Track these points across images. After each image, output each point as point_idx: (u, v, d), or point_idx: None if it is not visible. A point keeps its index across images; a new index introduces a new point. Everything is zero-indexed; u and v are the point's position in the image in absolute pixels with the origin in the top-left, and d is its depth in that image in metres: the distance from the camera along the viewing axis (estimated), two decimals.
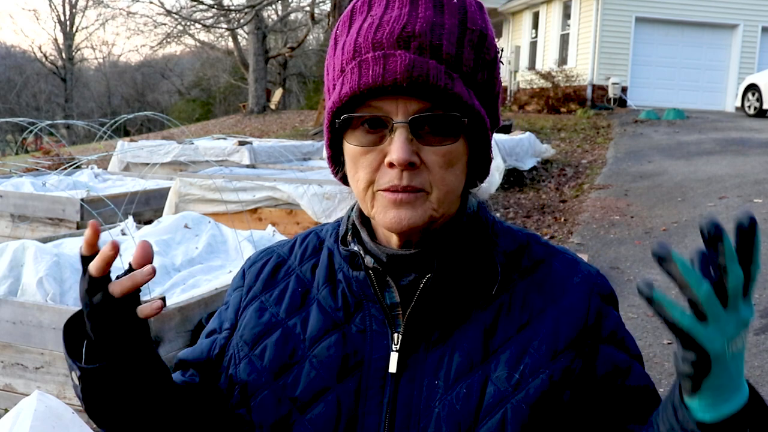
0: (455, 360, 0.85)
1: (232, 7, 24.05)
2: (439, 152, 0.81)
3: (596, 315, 0.89)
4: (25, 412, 1.98)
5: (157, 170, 8.32)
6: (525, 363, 0.84)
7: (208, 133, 16.72)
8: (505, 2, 21.49)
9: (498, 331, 0.86)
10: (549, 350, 0.85)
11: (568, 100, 16.95)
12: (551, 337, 0.86)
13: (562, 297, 0.89)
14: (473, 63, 0.81)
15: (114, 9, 33.28)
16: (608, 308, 0.91)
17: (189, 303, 3.50)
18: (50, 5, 43.72)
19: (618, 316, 0.93)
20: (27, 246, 3.88)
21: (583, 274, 0.92)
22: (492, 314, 0.87)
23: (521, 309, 0.88)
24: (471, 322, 0.87)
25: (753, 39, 17.69)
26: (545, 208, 7.96)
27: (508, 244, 0.92)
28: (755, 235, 0.63)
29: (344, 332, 0.88)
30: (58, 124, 18.78)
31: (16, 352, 3.32)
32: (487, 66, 0.83)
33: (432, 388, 0.84)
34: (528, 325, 0.87)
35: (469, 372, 0.84)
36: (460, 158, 0.83)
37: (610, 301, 0.92)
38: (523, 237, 0.94)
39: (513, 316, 0.87)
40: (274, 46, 27.71)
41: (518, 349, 0.85)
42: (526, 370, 0.84)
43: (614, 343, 0.89)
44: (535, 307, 0.88)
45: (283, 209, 5.98)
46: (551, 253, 0.94)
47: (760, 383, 3.53)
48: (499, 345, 0.85)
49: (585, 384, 0.86)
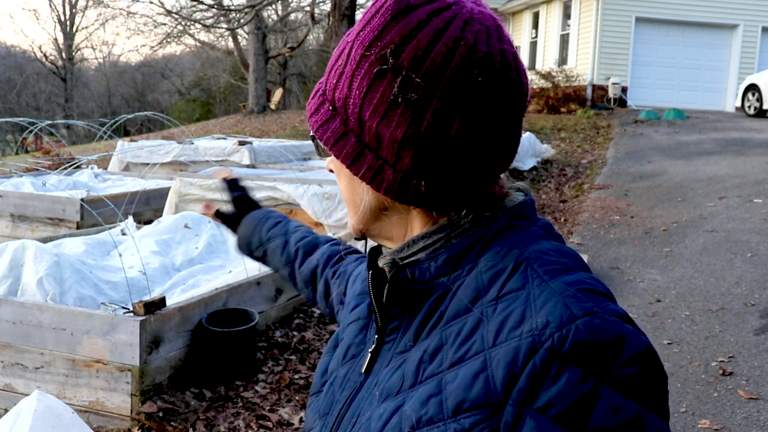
0: (394, 377, 0.80)
1: (232, 7, 24.04)
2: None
3: (535, 377, 0.67)
4: (25, 412, 1.98)
5: (157, 170, 8.32)
6: (429, 408, 0.73)
7: (208, 133, 16.71)
8: (505, 2, 21.49)
9: (435, 360, 0.77)
10: (454, 403, 0.72)
11: (568, 100, 16.95)
12: (464, 389, 0.72)
13: (500, 344, 0.72)
14: (348, 81, 0.78)
15: (114, 9, 33.25)
16: (565, 371, 0.66)
17: (189, 303, 3.49)
18: (50, 5, 43.74)
19: (579, 387, 0.66)
20: (27, 246, 3.88)
21: (539, 322, 0.70)
22: (440, 339, 0.78)
23: (464, 342, 0.75)
24: (423, 343, 0.80)
25: (753, 39, 17.69)
26: (545, 208, 7.96)
27: (489, 265, 0.78)
28: None
29: (368, 324, 0.93)
30: (58, 124, 18.78)
31: (16, 352, 3.32)
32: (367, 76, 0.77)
33: (372, 398, 0.83)
34: (458, 365, 0.74)
35: (396, 394, 0.78)
36: (340, 170, 0.84)
37: (572, 362, 0.67)
38: (515, 258, 0.77)
39: (455, 348, 0.76)
40: (274, 46, 27.70)
41: (435, 389, 0.74)
42: (424, 418, 0.73)
43: (550, 416, 0.66)
44: (471, 347, 0.74)
45: (283, 209, 5.97)
46: (536, 286, 0.74)
47: (760, 383, 3.53)
48: (428, 377, 0.76)
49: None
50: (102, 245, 4.63)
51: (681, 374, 3.71)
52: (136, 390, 3.15)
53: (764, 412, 3.27)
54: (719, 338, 4.10)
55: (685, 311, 4.56)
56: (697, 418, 3.27)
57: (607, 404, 0.66)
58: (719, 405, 3.37)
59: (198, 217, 5.09)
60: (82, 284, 3.79)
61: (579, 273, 0.77)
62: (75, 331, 3.19)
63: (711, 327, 4.27)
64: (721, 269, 5.24)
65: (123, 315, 3.23)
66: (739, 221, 6.43)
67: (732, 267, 5.25)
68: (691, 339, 4.13)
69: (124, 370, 3.15)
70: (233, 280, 4.09)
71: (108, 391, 3.18)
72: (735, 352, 3.90)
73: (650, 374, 0.70)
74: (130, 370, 3.14)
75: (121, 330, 3.14)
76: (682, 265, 5.43)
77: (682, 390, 3.54)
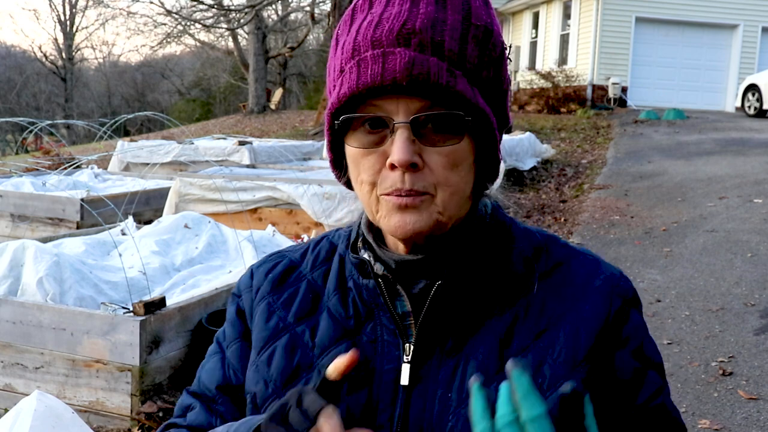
0: (469, 371, 0.81)
1: (232, 7, 24.04)
2: (443, 152, 0.77)
3: (615, 319, 0.84)
4: (25, 412, 1.98)
5: (157, 170, 8.32)
6: (544, 374, 0.80)
7: (208, 133, 16.71)
8: (505, 2, 21.49)
9: (514, 340, 0.82)
10: (568, 359, 0.81)
11: (568, 100, 16.95)
12: (571, 346, 0.82)
13: (581, 301, 0.84)
14: (478, 60, 0.78)
15: (114, 9, 33.29)
16: (630, 312, 0.86)
17: (189, 303, 3.49)
18: (50, 5, 43.76)
19: (640, 319, 0.88)
20: (27, 246, 3.88)
21: (605, 275, 0.87)
22: (507, 322, 0.83)
23: (539, 315, 0.84)
24: (486, 331, 0.83)
25: (753, 39, 17.69)
26: (545, 208, 7.96)
27: (525, 247, 0.88)
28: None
29: (354, 342, 0.85)
30: (58, 124, 18.78)
31: (16, 352, 3.32)
32: (493, 63, 0.80)
33: (445, 401, 0.80)
34: (546, 332, 0.83)
35: (484, 384, 0.79)
36: (465, 158, 0.79)
37: (632, 304, 0.87)
38: (542, 239, 0.90)
39: (529, 323, 0.83)
40: (274, 46, 27.70)
41: (536, 358, 0.81)
42: (545, 383, 0.80)
43: (631, 350, 0.85)
44: (553, 312, 0.84)
45: (283, 209, 5.97)
46: (571, 254, 0.90)
47: (760, 383, 3.53)
48: (516, 354, 0.81)
49: (599, 395, 0.81)
50: (102, 245, 4.63)
51: (681, 374, 3.71)
52: (136, 390, 3.15)
53: (764, 412, 3.27)
54: (719, 338, 4.10)
55: (685, 311, 4.56)
56: (697, 418, 3.27)
57: (643, 328, 0.88)
58: (719, 405, 3.37)
59: (198, 217, 5.09)
60: (82, 284, 3.79)
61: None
62: (75, 331, 3.19)
63: (711, 327, 4.27)
64: (721, 269, 5.24)
65: (123, 315, 3.23)
66: (739, 221, 6.43)
67: (732, 267, 5.25)
68: (691, 339, 4.13)
69: (124, 370, 3.15)
70: (233, 280, 4.08)
71: (108, 391, 3.18)
72: (735, 352, 3.90)
73: None
74: (130, 370, 3.14)
75: (121, 330, 3.14)
76: (682, 265, 5.44)
77: (682, 390, 3.54)
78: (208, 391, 0.95)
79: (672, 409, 0.87)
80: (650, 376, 0.86)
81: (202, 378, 0.97)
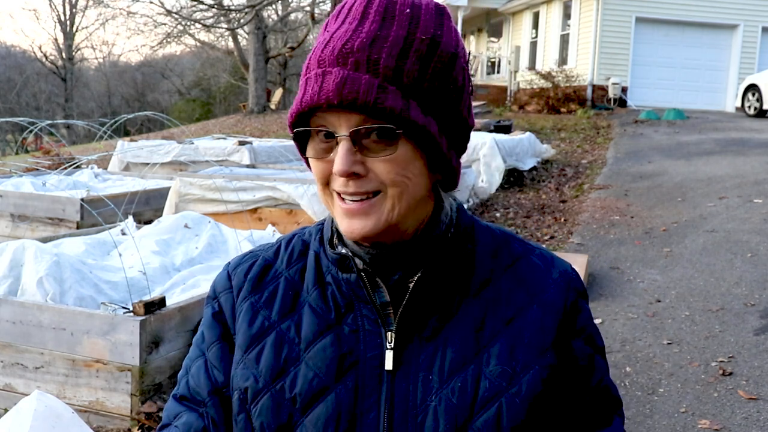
0: (448, 355, 0.88)
1: (232, 7, 24.05)
2: (384, 160, 0.83)
3: (572, 310, 0.94)
4: (25, 412, 1.98)
5: (157, 170, 8.32)
6: (516, 358, 0.89)
7: (208, 133, 16.72)
8: (505, 2, 21.48)
9: (486, 325, 0.90)
10: (537, 346, 0.90)
11: (568, 100, 16.94)
12: (538, 333, 0.91)
13: (543, 292, 0.94)
14: (418, 73, 0.82)
15: (114, 9, 33.26)
16: (582, 303, 0.97)
17: (189, 303, 3.49)
18: (50, 5, 43.78)
19: (589, 310, 0.99)
20: (27, 246, 3.88)
21: (561, 270, 0.97)
22: (480, 309, 0.91)
23: (506, 304, 0.92)
24: (460, 317, 0.90)
25: (753, 39, 17.69)
26: (545, 208, 7.96)
27: (488, 242, 0.97)
28: None
29: (337, 333, 0.91)
30: (58, 123, 18.78)
31: (16, 352, 3.32)
32: (438, 73, 0.84)
33: (427, 383, 0.87)
34: (514, 320, 0.91)
35: (463, 366, 0.87)
36: (409, 163, 0.84)
37: (584, 296, 0.98)
38: (501, 235, 0.99)
39: (499, 311, 0.91)
40: (274, 46, 27.71)
41: (508, 343, 0.89)
42: (518, 366, 0.88)
43: (584, 338, 0.95)
44: (519, 302, 0.92)
45: (283, 209, 5.98)
46: (528, 249, 0.99)
47: (760, 383, 3.54)
48: (489, 339, 0.90)
49: (560, 380, 0.92)
50: (102, 245, 4.63)
51: (681, 374, 3.71)
52: (136, 390, 3.15)
53: (764, 412, 3.27)
54: (719, 338, 4.10)
55: (685, 311, 4.56)
56: (697, 418, 3.27)
57: (591, 319, 0.98)
58: (719, 405, 3.37)
59: (198, 217, 5.09)
60: (82, 284, 3.79)
61: None
62: (75, 331, 3.19)
63: (711, 327, 4.27)
64: (721, 269, 5.24)
65: (123, 315, 3.23)
66: (739, 221, 6.43)
67: (732, 267, 5.25)
68: (691, 339, 4.13)
69: (124, 370, 3.15)
70: None
71: (108, 391, 3.18)
72: (735, 352, 3.90)
73: None
74: (130, 370, 3.14)
75: (121, 330, 3.14)
76: (682, 265, 5.44)
77: (682, 390, 3.54)
78: (198, 395, 0.98)
79: (612, 387, 0.99)
80: (598, 361, 0.97)
81: (190, 383, 1.00)
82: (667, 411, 3.36)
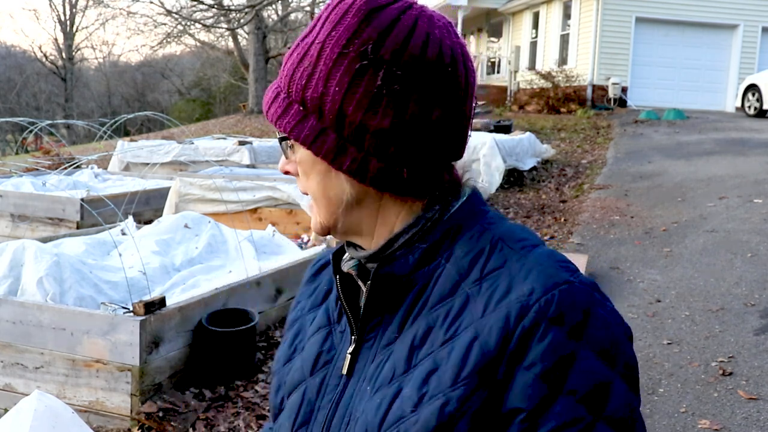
0: (385, 369, 0.84)
1: (232, 7, 24.05)
2: (295, 164, 0.89)
3: (524, 337, 0.75)
4: (25, 412, 1.98)
5: (157, 170, 8.32)
6: (429, 385, 0.78)
7: (208, 133, 16.71)
8: (505, 2, 21.49)
9: (426, 342, 0.81)
10: (453, 374, 0.77)
11: (568, 100, 16.95)
12: (461, 360, 0.77)
13: (490, 314, 0.78)
14: (306, 79, 0.84)
15: (114, 9, 33.20)
16: (549, 331, 0.74)
17: (189, 303, 3.50)
18: (50, 5, 43.74)
19: (561, 342, 0.74)
20: (27, 246, 3.89)
21: (529, 289, 0.77)
22: (427, 325, 0.82)
23: (451, 323, 0.80)
24: (410, 332, 0.84)
25: (753, 39, 17.69)
26: (545, 208, 7.96)
27: (465, 252, 0.84)
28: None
29: (331, 330, 0.95)
30: (58, 123, 18.78)
31: (16, 352, 3.32)
32: (325, 77, 0.82)
33: (363, 393, 0.86)
34: (450, 341, 0.79)
35: (389, 382, 0.82)
36: (312, 168, 0.86)
37: (556, 322, 0.75)
38: (492, 242, 0.84)
39: (444, 328, 0.81)
40: (274, 46, 27.68)
41: (430, 366, 0.79)
42: (427, 394, 0.78)
43: (539, 373, 0.74)
44: (464, 322, 0.80)
45: (283, 209, 5.98)
46: (512, 260, 0.81)
47: (760, 383, 3.53)
48: (422, 358, 0.81)
49: (488, 420, 0.76)
50: (102, 245, 4.63)
51: (681, 374, 3.71)
52: (136, 390, 3.15)
53: (764, 412, 3.27)
54: (719, 338, 4.10)
55: (685, 311, 4.56)
56: (697, 418, 3.27)
57: (583, 366, 0.75)
58: (719, 405, 3.37)
59: (198, 217, 5.10)
60: (82, 284, 3.79)
61: (547, 248, 0.85)
62: (75, 331, 3.19)
63: (711, 327, 4.27)
64: (721, 269, 5.24)
65: (123, 315, 3.24)
66: (739, 221, 6.43)
67: (732, 267, 5.25)
68: (691, 339, 4.13)
69: (124, 370, 3.15)
70: (233, 280, 4.09)
71: (108, 391, 3.18)
72: (735, 352, 3.90)
73: (619, 341, 0.79)
74: (130, 370, 3.14)
75: (121, 330, 3.14)
76: (682, 265, 5.43)
77: (682, 390, 3.54)
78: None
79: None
80: (558, 407, 0.73)
81: None
82: (667, 411, 3.36)
